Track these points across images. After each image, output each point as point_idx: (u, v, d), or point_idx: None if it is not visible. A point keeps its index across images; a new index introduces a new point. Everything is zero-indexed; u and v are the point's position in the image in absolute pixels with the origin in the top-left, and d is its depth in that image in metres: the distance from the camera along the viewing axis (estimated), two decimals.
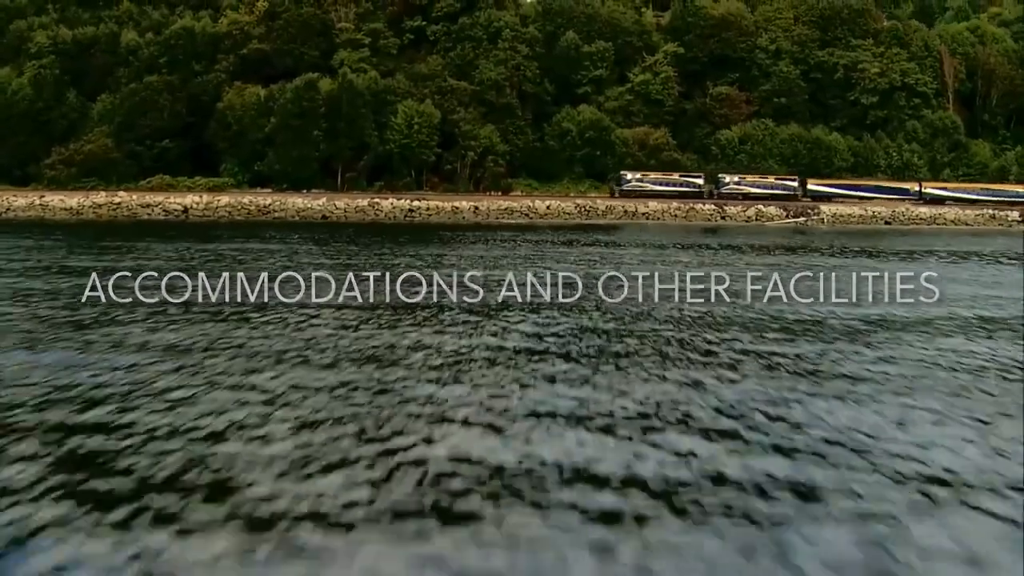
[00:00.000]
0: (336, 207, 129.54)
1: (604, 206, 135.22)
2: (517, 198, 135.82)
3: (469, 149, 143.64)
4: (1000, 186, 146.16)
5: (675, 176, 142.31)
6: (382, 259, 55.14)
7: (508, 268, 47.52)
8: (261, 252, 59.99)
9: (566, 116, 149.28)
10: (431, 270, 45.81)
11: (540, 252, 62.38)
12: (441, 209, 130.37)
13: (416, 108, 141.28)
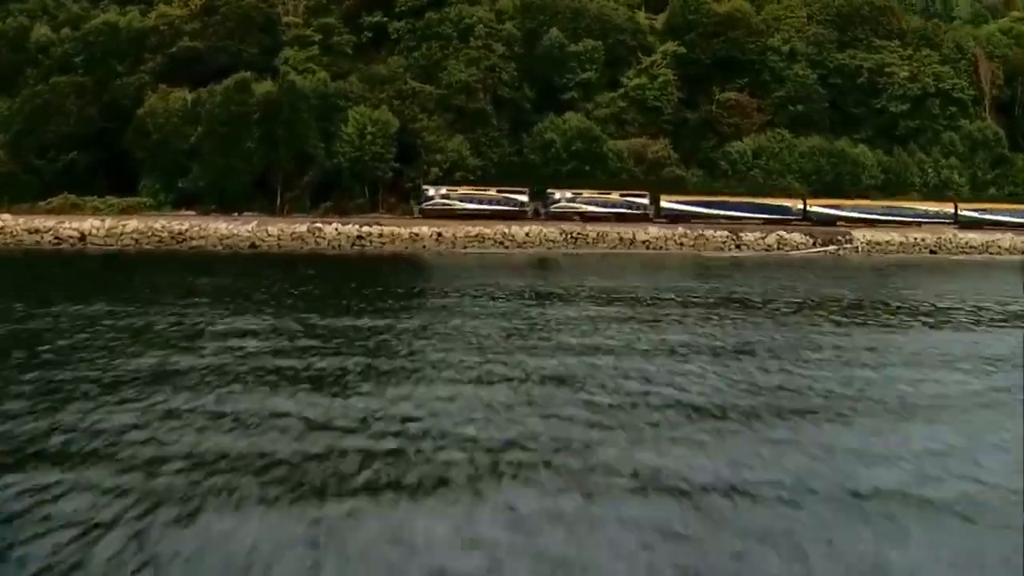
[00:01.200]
0: (268, 234, 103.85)
1: (594, 232, 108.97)
2: (490, 222, 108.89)
3: (433, 163, 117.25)
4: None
5: (491, 192, 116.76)
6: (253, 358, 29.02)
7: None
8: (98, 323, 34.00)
9: (549, 125, 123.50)
10: None
11: (518, 325, 38.07)
12: (397, 236, 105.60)
13: (370, 115, 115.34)
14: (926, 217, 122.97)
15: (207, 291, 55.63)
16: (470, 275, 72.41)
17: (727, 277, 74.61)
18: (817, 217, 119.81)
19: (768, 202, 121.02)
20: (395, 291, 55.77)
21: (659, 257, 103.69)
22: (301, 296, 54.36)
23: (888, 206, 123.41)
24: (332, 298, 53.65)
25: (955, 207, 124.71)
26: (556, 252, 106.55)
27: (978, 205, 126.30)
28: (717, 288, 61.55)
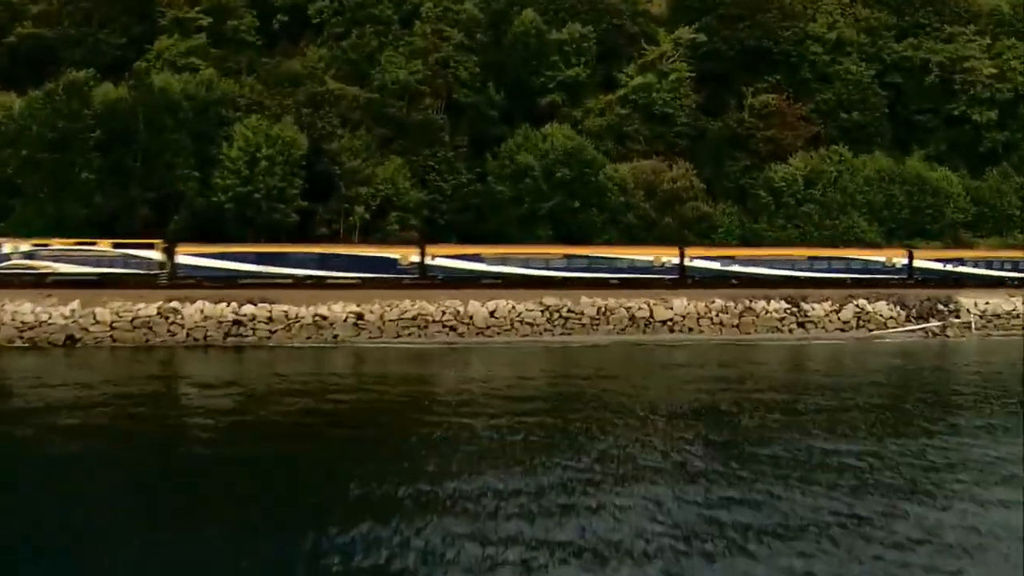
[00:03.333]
0: (95, 320, 63.39)
1: (593, 307, 69.76)
2: (434, 294, 69.71)
3: (358, 200, 77.34)
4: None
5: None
6: None
7: None
8: None
9: (523, 142, 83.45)
10: None
11: None
12: (296, 320, 68.78)
13: (266, 131, 74.66)
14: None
15: None
16: None
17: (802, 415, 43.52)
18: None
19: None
20: None
21: (678, 353, 66.82)
22: None
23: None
24: None
25: None
26: (542, 340, 69.84)
27: None
28: None
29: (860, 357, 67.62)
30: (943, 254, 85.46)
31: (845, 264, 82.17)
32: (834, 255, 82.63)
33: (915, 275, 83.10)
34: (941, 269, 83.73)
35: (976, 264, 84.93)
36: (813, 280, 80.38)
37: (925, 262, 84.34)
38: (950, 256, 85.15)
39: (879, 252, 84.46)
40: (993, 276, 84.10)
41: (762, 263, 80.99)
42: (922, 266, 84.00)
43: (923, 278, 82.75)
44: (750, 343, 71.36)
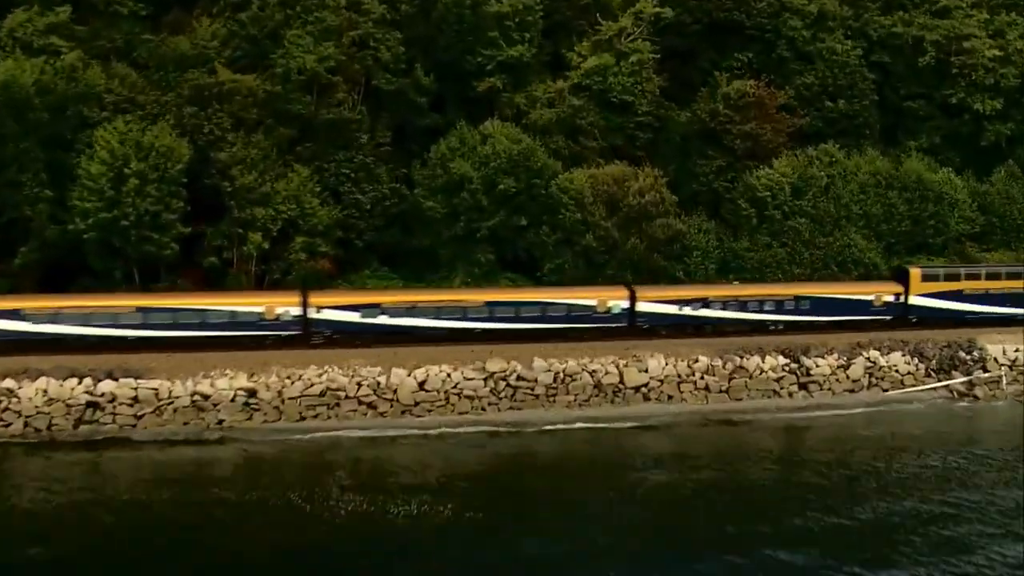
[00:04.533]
0: None
1: (549, 373, 53.96)
2: (329, 355, 54.41)
3: (253, 224, 60.63)
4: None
5: None
6: None
7: None
8: None
9: (459, 145, 67.03)
10: None
11: None
12: (169, 400, 53.60)
13: (136, 137, 57.46)
14: None
15: None
16: None
17: None
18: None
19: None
20: None
21: (654, 440, 54.01)
22: None
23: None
24: None
25: None
26: (486, 419, 56.29)
27: None
28: None
29: (883, 443, 52.95)
30: (679, 293, 66.10)
31: (540, 311, 62.87)
32: (521, 299, 63.90)
33: (639, 321, 64.70)
34: (676, 313, 64.89)
35: (725, 305, 65.82)
36: None
37: (652, 305, 65.03)
38: (689, 296, 65.66)
39: (591, 293, 64.89)
40: (748, 320, 65.70)
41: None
42: (649, 310, 65.03)
43: (651, 325, 64.63)
44: (743, 417, 56.65)
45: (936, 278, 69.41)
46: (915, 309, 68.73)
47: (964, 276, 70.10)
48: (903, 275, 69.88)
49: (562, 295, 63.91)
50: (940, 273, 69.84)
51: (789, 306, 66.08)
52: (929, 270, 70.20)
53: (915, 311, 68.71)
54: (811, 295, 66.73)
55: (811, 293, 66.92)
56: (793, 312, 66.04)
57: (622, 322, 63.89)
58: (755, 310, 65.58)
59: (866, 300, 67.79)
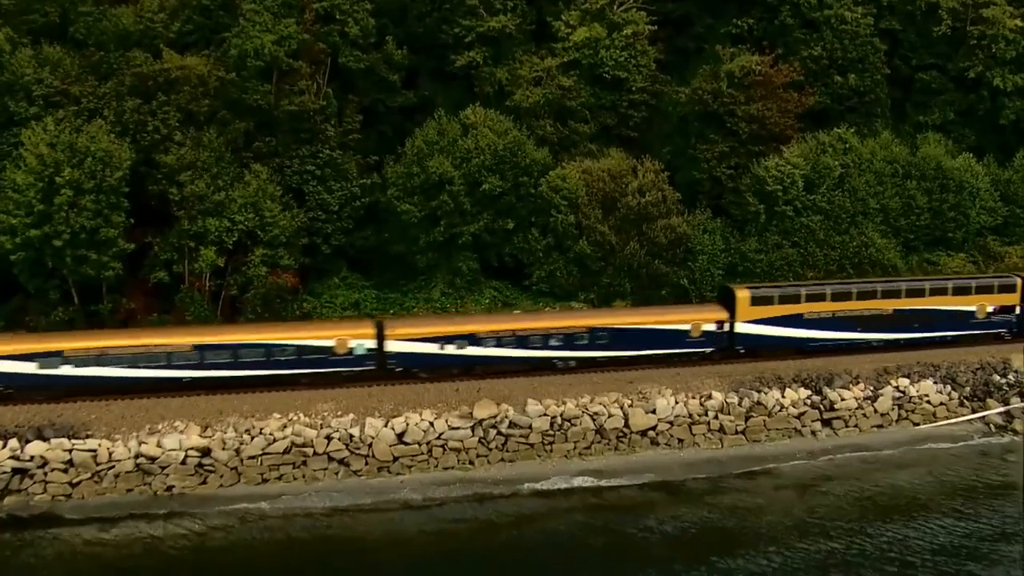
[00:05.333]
0: None
1: (545, 418, 46.24)
2: None
3: (205, 238, 52.71)
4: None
5: None
6: None
7: None
8: None
9: (438, 138, 59.17)
10: None
11: None
12: (109, 464, 47.19)
13: (68, 140, 49.01)
14: None
15: None
16: None
17: None
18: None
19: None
20: None
21: (668, 511, 46.45)
22: None
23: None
24: None
25: None
26: (474, 476, 48.87)
27: None
28: None
29: (915, 502, 46.39)
30: (440, 328, 53.79)
31: (264, 354, 51.31)
32: (240, 339, 51.43)
33: (391, 363, 53.23)
34: (436, 353, 53.10)
35: (500, 341, 53.69)
36: None
37: (406, 343, 53.02)
38: (453, 331, 53.48)
39: (327, 330, 53.24)
40: (530, 359, 54.09)
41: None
42: (402, 350, 53.07)
43: (406, 367, 53.22)
44: (763, 465, 49.44)
45: (769, 300, 57.83)
46: (743, 339, 57.48)
47: (805, 297, 58.33)
48: (728, 298, 58.17)
49: (291, 333, 52.36)
50: (774, 295, 58.03)
51: (582, 340, 54.77)
52: (760, 291, 58.23)
53: (743, 341, 57.53)
54: (610, 327, 55.48)
55: (610, 324, 55.71)
56: (588, 347, 54.91)
57: (368, 365, 52.45)
58: (538, 346, 54.02)
59: (680, 331, 56.32)
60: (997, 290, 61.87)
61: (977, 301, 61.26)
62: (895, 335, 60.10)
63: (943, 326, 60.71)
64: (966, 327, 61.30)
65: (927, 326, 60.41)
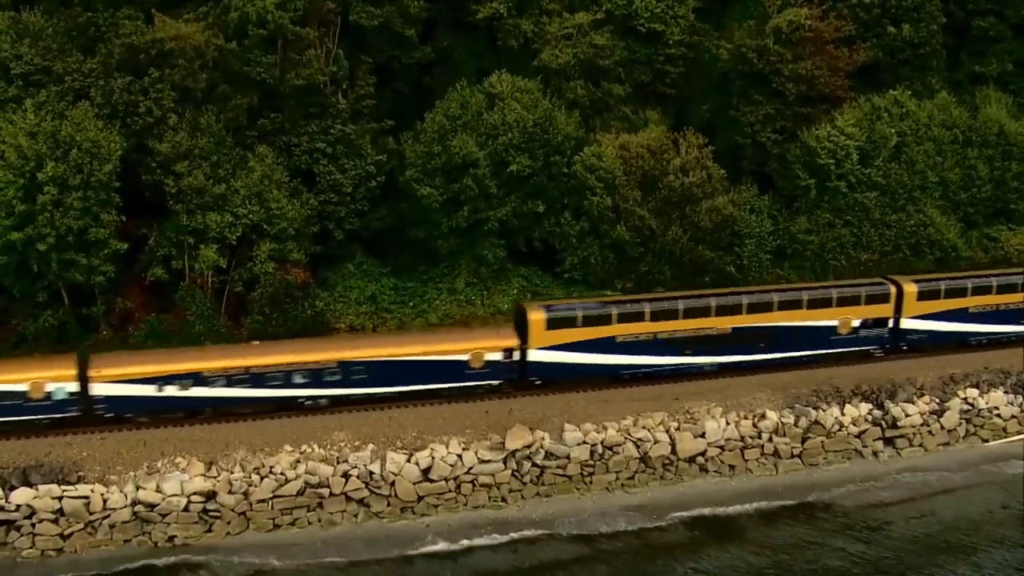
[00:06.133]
0: None
1: (585, 447, 41.32)
2: None
3: (205, 236, 47.21)
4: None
5: None
6: None
7: None
8: None
9: (461, 111, 53.57)
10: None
11: None
12: (104, 512, 41.88)
13: (50, 129, 43.25)
14: None
15: None
16: None
17: None
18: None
19: None
20: None
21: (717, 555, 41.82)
22: None
23: None
24: None
25: None
26: (507, 516, 44.05)
27: None
28: None
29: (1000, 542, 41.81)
30: (159, 367, 45.43)
31: None
32: None
33: (98, 408, 44.76)
34: (154, 396, 44.99)
35: (231, 381, 45.76)
36: None
37: (115, 385, 44.78)
38: (173, 370, 45.25)
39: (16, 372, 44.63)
40: (269, 399, 46.22)
41: None
42: (110, 393, 44.71)
43: (117, 413, 44.94)
44: (820, 496, 44.83)
45: (570, 322, 48.72)
46: (539, 368, 48.87)
47: (617, 317, 49.50)
48: (521, 320, 49.77)
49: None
50: (577, 315, 48.95)
51: (332, 376, 46.52)
52: (559, 312, 49.09)
53: (539, 371, 48.95)
54: (366, 359, 46.91)
55: (367, 356, 47.03)
56: (342, 384, 46.76)
57: (69, 411, 44.24)
58: (279, 384, 46.07)
59: (457, 361, 47.72)
60: (865, 300, 53.16)
61: (840, 314, 52.65)
62: (735, 357, 51.18)
63: (796, 345, 51.99)
64: (825, 345, 52.61)
65: (775, 346, 51.63)
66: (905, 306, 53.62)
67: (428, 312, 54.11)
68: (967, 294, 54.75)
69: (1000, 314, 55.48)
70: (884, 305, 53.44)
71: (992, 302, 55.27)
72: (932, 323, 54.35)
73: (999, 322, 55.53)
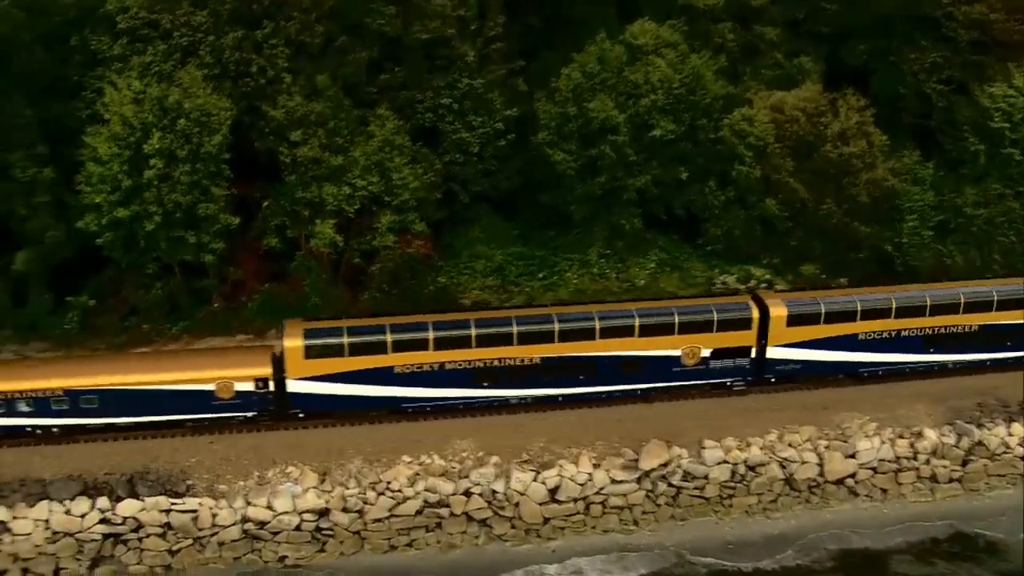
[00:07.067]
0: None
1: (726, 466, 37.89)
2: None
3: (321, 210, 43.53)
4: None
5: None
6: None
7: None
8: None
9: (599, 67, 49.19)
10: None
11: None
12: (213, 530, 39.17)
13: (157, 94, 40.14)
14: None
15: None
16: None
17: None
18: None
19: None
20: None
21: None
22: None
23: None
24: None
25: None
26: (639, 542, 40.63)
27: None
28: None
29: None
30: None
31: None
32: None
33: None
34: None
35: None
36: None
37: None
38: None
39: None
40: None
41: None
42: None
43: None
44: (981, 528, 40.77)
45: (336, 351, 41.42)
46: (301, 400, 41.90)
47: (393, 346, 41.79)
48: None
49: None
50: (343, 343, 41.38)
51: (59, 406, 40.24)
52: (322, 339, 41.29)
53: (301, 402, 42.03)
54: (98, 388, 40.31)
55: (98, 385, 40.32)
56: (70, 413, 40.45)
57: None
58: None
59: (202, 391, 40.90)
60: (719, 327, 44.02)
61: (685, 343, 43.72)
62: (548, 391, 43.55)
63: (625, 379, 43.81)
64: (666, 378, 44.06)
65: (597, 379, 43.58)
66: (773, 332, 44.65)
67: (559, 286, 50.04)
68: (855, 318, 45.13)
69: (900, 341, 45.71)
70: (744, 332, 44.44)
71: (889, 327, 45.42)
72: (809, 352, 45.01)
73: (898, 350, 45.82)
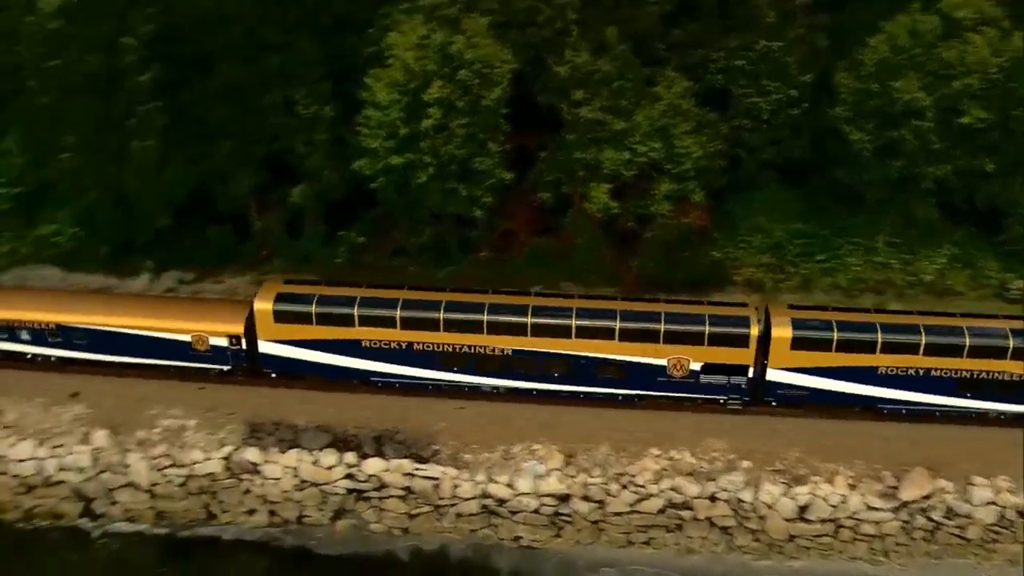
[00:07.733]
0: None
1: (994, 506, 35.15)
2: None
3: (596, 174, 42.67)
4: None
5: None
6: None
7: None
8: None
9: (908, 34, 44.11)
10: None
11: None
12: (452, 500, 39.31)
13: (440, 41, 40.46)
14: None
15: None
16: None
17: None
18: None
19: None
20: None
21: None
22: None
23: None
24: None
25: None
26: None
27: None
28: None
29: None
30: None
31: None
32: None
33: None
34: None
35: None
36: None
37: None
38: None
39: None
40: None
41: None
42: None
43: None
44: None
45: (304, 319, 42.68)
46: (270, 361, 43.51)
47: (360, 320, 42.32)
48: None
49: None
50: (311, 311, 42.48)
51: (55, 337, 44.72)
52: (289, 306, 42.92)
53: (271, 364, 43.59)
54: (89, 326, 44.38)
55: (89, 323, 44.31)
56: (63, 345, 44.61)
57: None
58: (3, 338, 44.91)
59: (180, 341, 43.79)
60: (710, 340, 40.65)
61: (671, 352, 40.71)
62: (522, 383, 41.44)
63: (605, 382, 41.29)
64: (651, 387, 41.15)
65: (574, 378, 41.29)
66: (774, 354, 40.94)
67: (838, 271, 46.83)
68: (875, 350, 40.36)
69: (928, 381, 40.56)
70: (740, 350, 40.98)
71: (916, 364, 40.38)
72: (817, 379, 40.74)
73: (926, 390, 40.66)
